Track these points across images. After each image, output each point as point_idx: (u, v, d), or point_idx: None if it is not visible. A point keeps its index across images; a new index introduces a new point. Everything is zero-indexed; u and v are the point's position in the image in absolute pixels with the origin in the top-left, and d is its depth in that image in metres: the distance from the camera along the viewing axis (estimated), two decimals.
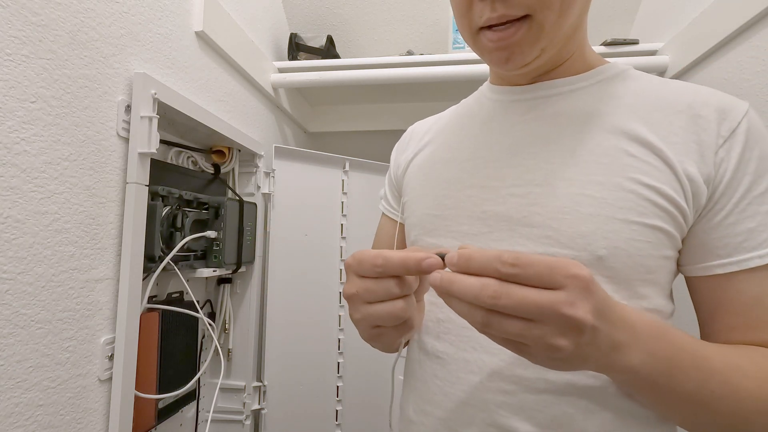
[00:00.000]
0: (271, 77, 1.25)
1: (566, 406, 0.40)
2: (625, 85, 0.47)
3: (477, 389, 0.44)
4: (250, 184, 1.12)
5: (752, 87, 0.78)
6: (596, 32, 1.33)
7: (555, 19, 0.40)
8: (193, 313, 0.85)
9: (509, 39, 0.41)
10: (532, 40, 0.41)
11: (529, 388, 0.41)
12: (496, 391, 0.42)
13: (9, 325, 0.51)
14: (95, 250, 0.63)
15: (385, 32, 1.45)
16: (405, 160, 0.61)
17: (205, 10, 0.88)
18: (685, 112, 0.42)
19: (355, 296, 0.37)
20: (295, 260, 1.21)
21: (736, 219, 0.40)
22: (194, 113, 0.82)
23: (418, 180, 0.56)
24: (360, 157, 1.35)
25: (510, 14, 0.40)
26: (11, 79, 0.50)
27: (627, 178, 0.41)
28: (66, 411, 0.59)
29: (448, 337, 0.47)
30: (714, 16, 0.89)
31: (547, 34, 0.41)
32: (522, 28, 0.40)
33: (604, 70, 0.48)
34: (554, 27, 0.41)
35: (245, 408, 1.07)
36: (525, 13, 0.40)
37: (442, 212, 0.50)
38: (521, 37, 0.41)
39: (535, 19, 0.40)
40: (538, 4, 0.39)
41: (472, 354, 0.45)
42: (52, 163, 0.56)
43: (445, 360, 0.47)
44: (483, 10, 0.41)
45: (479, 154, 0.50)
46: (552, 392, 0.41)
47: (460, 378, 0.45)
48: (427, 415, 0.48)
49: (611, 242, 0.40)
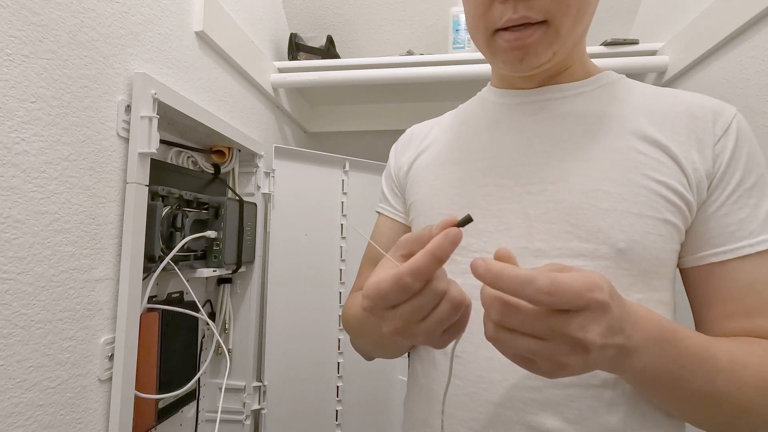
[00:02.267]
0: (271, 77, 1.25)
1: (591, 399, 0.41)
2: (625, 90, 0.49)
3: (502, 387, 0.43)
4: (250, 184, 1.12)
5: (752, 87, 0.78)
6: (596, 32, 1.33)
7: (570, 26, 0.42)
8: (193, 313, 0.85)
9: (525, 39, 0.43)
10: (547, 43, 0.43)
11: (557, 383, 0.42)
12: (523, 387, 0.43)
13: (9, 325, 0.51)
14: (95, 250, 0.63)
15: (385, 32, 1.45)
16: (407, 161, 0.61)
17: (205, 10, 0.88)
18: (684, 113, 0.45)
19: (402, 329, 0.33)
20: (295, 260, 1.21)
21: (728, 210, 0.42)
22: (194, 113, 0.82)
23: (427, 180, 0.56)
24: (360, 157, 1.35)
25: (530, 17, 0.41)
26: (11, 79, 0.50)
27: (639, 175, 0.43)
28: (66, 411, 0.59)
29: (467, 335, 0.46)
30: (714, 16, 0.88)
31: (561, 38, 0.43)
32: (539, 30, 0.42)
33: (603, 77, 0.51)
34: (569, 33, 0.43)
35: (245, 408, 1.07)
36: (544, 18, 0.41)
37: (456, 211, 0.51)
38: (537, 38, 0.43)
39: (552, 24, 0.42)
40: (557, 10, 0.41)
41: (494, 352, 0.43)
42: (52, 163, 0.56)
43: (465, 359, 0.46)
44: (504, 11, 0.42)
45: (490, 153, 0.51)
46: (577, 386, 0.41)
47: (482, 377, 0.45)
48: (447, 417, 0.47)
49: (629, 236, 0.42)
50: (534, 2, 0.41)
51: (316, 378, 1.22)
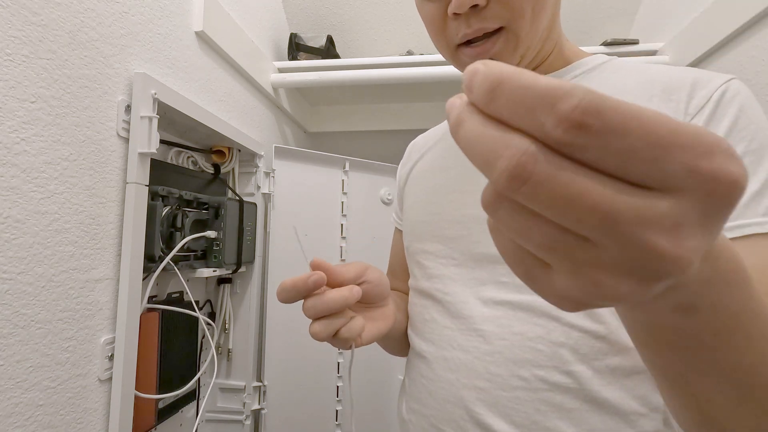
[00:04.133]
0: (271, 77, 1.25)
1: (540, 403, 0.40)
2: (604, 76, 0.46)
3: (454, 386, 0.45)
4: (250, 184, 1.12)
5: (752, 87, 0.78)
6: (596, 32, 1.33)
7: (529, 27, 0.41)
8: (192, 313, 0.85)
9: (488, 52, 0.43)
10: (510, 49, 0.43)
11: (502, 385, 0.41)
12: (471, 387, 0.43)
13: (9, 325, 0.51)
14: (95, 250, 0.63)
15: (385, 32, 1.45)
16: (405, 173, 0.63)
17: (205, 10, 0.88)
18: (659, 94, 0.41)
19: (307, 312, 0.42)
20: (295, 260, 1.21)
21: None
22: (194, 113, 0.82)
23: (413, 190, 0.58)
24: (360, 157, 1.35)
25: (486, 27, 0.41)
26: (11, 79, 0.50)
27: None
28: (66, 411, 0.59)
29: (432, 337, 0.49)
30: (714, 16, 0.89)
31: (523, 41, 0.42)
32: (499, 39, 0.42)
33: (581, 64, 0.48)
34: (529, 34, 0.42)
35: (245, 408, 1.07)
36: (500, 25, 0.41)
37: (428, 218, 0.52)
38: (500, 48, 0.42)
39: (510, 30, 0.41)
40: (511, 16, 0.40)
41: (450, 352, 0.46)
42: (52, 163, 0.56)
43: (428, 359, 0.48)
44: (459, 27, 0.42)
45: (463, 160, 0.51)
46: (525, 389, 0.41)
47: (440, 376, 0.46)
48: (416, 414, 0.49)
49: None
50: (485, 13, 0.40)
51: (316, 378, 1.22)
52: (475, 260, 0.47)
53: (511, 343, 0.42)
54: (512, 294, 0.44)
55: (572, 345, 0.40)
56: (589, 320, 0.40)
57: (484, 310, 0.45)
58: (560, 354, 0.40)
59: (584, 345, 0.40)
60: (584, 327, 0.40)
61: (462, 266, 0.48)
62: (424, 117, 1.56)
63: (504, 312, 0.43)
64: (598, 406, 0.39)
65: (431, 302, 0.50)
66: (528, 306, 0.42)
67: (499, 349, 0.43)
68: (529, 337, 0.42)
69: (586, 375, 0.40)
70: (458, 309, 0.47)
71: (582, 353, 0.40)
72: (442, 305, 0.49)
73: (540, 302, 0.42)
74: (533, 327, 0.42)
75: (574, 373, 0.40)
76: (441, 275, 0.50)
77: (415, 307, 0.53)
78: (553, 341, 0.41)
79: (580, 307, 0.17)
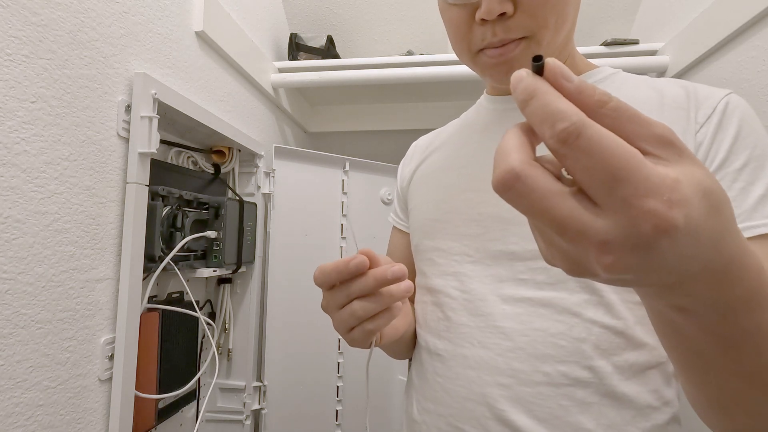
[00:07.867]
0: (271, 77, 1.25)
1: (562, 398, 0.41)
2: (615, 86, 0.49)
3: (475, 383, 0.45)
4: (250, 184, 1.12)
5: (752, 87, 0.78)
6: (596, 32, 1.33)
7: (551, 37, 0.43)
8: (192, 313, 0.85)
9: (509, 54, 0.43)
10: (530, 55, 0.43)
11: (526, 381, 0.42)
12: (494, 384, 0.43)
13: (9, 325, 0.51)
14: (95, 250, 0.63)
15: (385, 32, 1.45)
16: (409, 172, 0.63)
17: (205, 10, 0.88)
18: (670, 105, 0.44)
19: (326, 307, 0.40)
20: (295, 260, 1.21)
21: None
22: (194, 113, 0.82)
23: (421, 189, 0.58)
24: (360, 157, 1.35)
25: (510, 38, 0.42)
26: (11, 79, 0.50)
27: None
28: (66, 411, 0.59)
29: (447, 335, 0.49)
30: (714, 16, 0.89)
31: (544, 49, 0.43)
32: (521, 44, 0.43)
33: (592, 74, 0.50)
34: (550, 44, 0.43)
35: (245, 408, 1.07)
36: (524, 35, 0.42)
37: (440, 216, 0.52)
38: (520, 52, 0.43)
39: (533, 38, 0.42)
40: (536, 26, 0.41)
41: (470, 350, 0.46)
42: (52, 163, 0.56)
43: (445, 357, 0.48)
44: (484, 33, 0.43)
45: (476, 159, 0.52)
46: (548, 384, 0.41)
47: (459, 374, 0.46)
48: (430, 413, 0.49)
49: None
50: (511, 23, 0.41)
51: (316, 378, 1.22)
52: (493, 257, 0.47)
53: (533, 339, 0.43)
54: (532, 291, 0.44)
55: (593, 341, 0.41)
56: (608, 316, 0.42)
57: (505, 307, 0.45)
58: (582, 349, 0.41)
59: (604, 340, 0.41)
60: (604, 323, 0.42)
61: (478, 263, 0.48)
62: (424, 117, 1.56)
63: (525, 308, 0.44)
64: (616, 401, 0.41)
65: (446, 299, 0.50)
66: (549, 302, 0.43)
67: (521, 345, 0.43)
68: (552, 333, 0.42)
69: (607, 370, 0.41)
70: (476, 306, 0.47)
71: (602, 348, 0.41)
72: (458, 302, 0.49)
73: (560, 299, 0.43)
74: (555, 323, 0.43)
75: (594, 368, 0.41)
76: (456, 272, 0.50)
77: (426, 305, 0.53)
78: (574, 337, 0.42)
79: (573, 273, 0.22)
